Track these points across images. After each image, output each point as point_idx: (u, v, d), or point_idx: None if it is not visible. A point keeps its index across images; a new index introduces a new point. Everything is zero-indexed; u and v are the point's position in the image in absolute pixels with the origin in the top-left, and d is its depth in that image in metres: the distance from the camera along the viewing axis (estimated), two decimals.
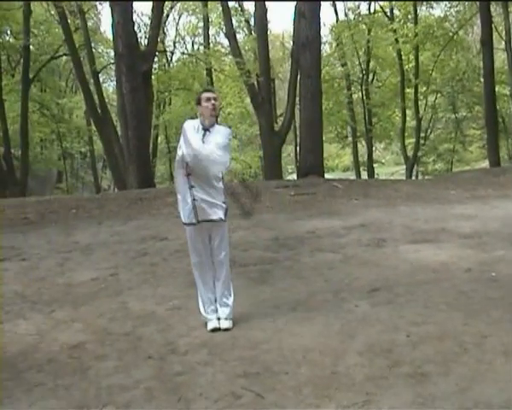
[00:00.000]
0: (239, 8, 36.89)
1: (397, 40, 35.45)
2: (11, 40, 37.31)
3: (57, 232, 12.75)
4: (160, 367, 5.13)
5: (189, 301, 6.76)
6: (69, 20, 28.20)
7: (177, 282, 8.00)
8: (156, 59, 32.78)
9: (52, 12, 33.88)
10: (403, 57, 37.11)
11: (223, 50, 40.22)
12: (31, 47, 32.78)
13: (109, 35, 31.68)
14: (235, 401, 4.41)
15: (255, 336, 5.70)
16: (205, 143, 5.91)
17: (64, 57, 39.66)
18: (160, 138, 45.27)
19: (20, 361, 5.48)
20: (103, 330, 6.19)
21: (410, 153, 39.04)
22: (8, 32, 37.21)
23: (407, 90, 38.59)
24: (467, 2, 35.22)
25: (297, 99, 26.16)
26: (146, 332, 6.05)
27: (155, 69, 35.60)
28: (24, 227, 13.74)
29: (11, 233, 12.90)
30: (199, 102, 6.12)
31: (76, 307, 7.10)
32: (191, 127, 5.97)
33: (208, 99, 6.02)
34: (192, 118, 6.22)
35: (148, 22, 31.39)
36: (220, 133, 6.03)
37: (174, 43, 45.46)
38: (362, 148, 45.01)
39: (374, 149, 43.89)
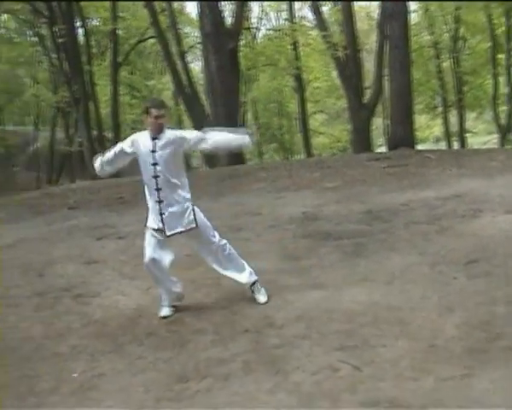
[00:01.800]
0: None
1: (487, 6, 34.34)
2: (99, 26, 38.02)
3: None
4: (256, 341, 5.20)
5: (283, 275, 6.80)
6: (155, 3, 28.51)
7: (270, 256, 8.04)
8: (242, 36, 32.77)
9: None
10: (494, 22, 35.92)
11: (308, 24, 39.91)
12: (119, 32, 33.36)
13: (194, 16, 31.92)
14: (333, 373, 4.43)
15: (351, 309, 5.69)
16: (157, 150, 5.96)
17: (151, 39, 40.18)
18: (248, 115, 45.42)
19: (121, 335, 5.66)
20: (200, 305, 6.31)
21: (503, 121, 37.90)
22: (97, 19, 37.96)
23: (499, 56, 37.40)
24: None
25: (385, 70, 25.82)
26: (241, 306, 6.13)
27: (241, 46, 35.69)
28: (119, 206, 14.08)
29: (107, 212, 13.27)
30: (146, 113, 6.07)
31: None
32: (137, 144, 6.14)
33: (156, 117, 5.96)
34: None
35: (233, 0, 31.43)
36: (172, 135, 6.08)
37: (259, 19, 45.43)
38: (452, 118, 44.02)
39: (465, 118, 42.80)
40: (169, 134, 6.05)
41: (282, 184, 14.76)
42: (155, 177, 5.97)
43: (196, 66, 48.08)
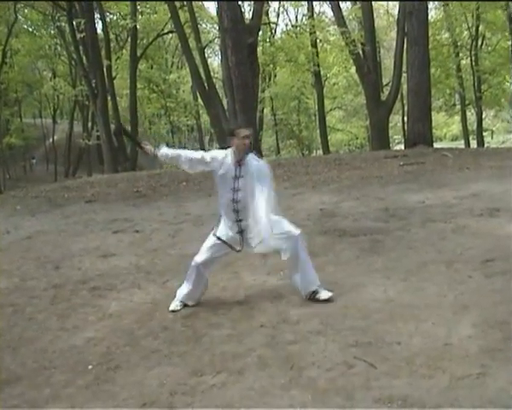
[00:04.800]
0: None
1: (507, 4, 34.06)
2: (119, 21, 38.13)
3: (168, 205, 13.06)
4: (272, 336, 5.20)
5: None
6: None
7: None
8: (260, 32, 32.75)
9: None
10: None
11: (327, 20, 39.84)
12: (138, 26, 33.44)
13: (213, 11, 32.00)
14: (348, 370, 4.43)
15: (367, 306, 5.68)
16: (239, 177, 6.00)
17: (170, 34, 40.25)
18: (265, 111, 45.45)
19: (137, 329, 5.69)
20: (216, 300, 6.33)
21: None
22: (117, 13, 38.09)
23: None
24: None
25: (404, 68, 25.73)
26: (258, 302, 6.15)
27: (260, 42, 35.66)
28: (136, 200, 14.16)
29: (124, 206, 13.35)
30: (233, 135, 6.05)
31: None
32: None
33: (246, 136, 5.99)
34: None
35: None
36: (260, 170, 6.04)
37: (278, 14, 45.46)
38: (471, 116, 43.79)
39: (484, 116, 42.54)
40: (252, 163, 6.07)
41: (300, 181, 14.77)
42: (235, 202, 6.03)
43: (215, 61, 48.27)
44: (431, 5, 34.06)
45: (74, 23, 28.31)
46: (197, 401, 4.19)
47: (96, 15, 31.85)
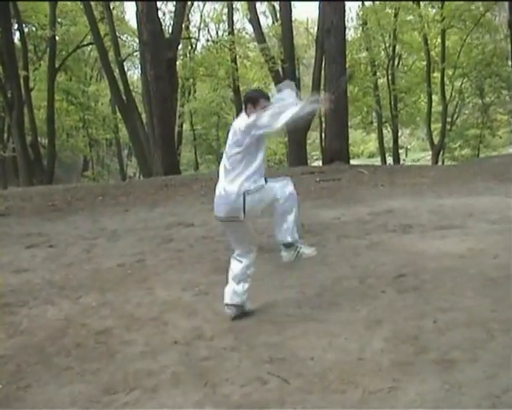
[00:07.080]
0: None
1: (423, 25, 35.00)
2: (38, 31, 37.51)
3: (84, 219, 12.87)
4: (186, 352, 5.15)
5: (215, 286, 6.77)
6: (94, 10, 28.35)
7: (203, 268, 8.02)
8: (181, 46, 32.76)
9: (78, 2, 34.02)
10: (429, 42, 36.66)
11: (247, 37, 40.13)
12: (57, 37, 33.00)
13: (134, 24, 31.86)
14: (261, 386, 4.41)
15: (281, 321, 5.68)
16: None
17: (90, 46, 39.84)
18: (185, 125, 45.36)
19: (49, 346, 5.54)
20: (130, 316, 6.23)
21: (436, 138, 38.69)
22: (36, 24, 37.43)
23: (433, 75, 38.19)
24: None
25: (322, 85, 26.09)
26: (172, 318, 6.07)
27: (180, 56, 35.62)
28: (51, 214, 13.88)
29: (39, 220, 13.06)
30: (255, 104, 5.73)
31: (103, 292, 7.15)
32: None
33: (265, 107, 5.65)
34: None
35: (173, 9, 31.40)
36: None
37: (199, 29, 45.51)
38: (387, 134, 44.74)
39: (399, 134, 43.55)
40: None
41: None
42: None
43: (135, 74, 48.00)
44: (349, 24, 34.71)
45: None
46: None
47: (14, 26, 31.31)
